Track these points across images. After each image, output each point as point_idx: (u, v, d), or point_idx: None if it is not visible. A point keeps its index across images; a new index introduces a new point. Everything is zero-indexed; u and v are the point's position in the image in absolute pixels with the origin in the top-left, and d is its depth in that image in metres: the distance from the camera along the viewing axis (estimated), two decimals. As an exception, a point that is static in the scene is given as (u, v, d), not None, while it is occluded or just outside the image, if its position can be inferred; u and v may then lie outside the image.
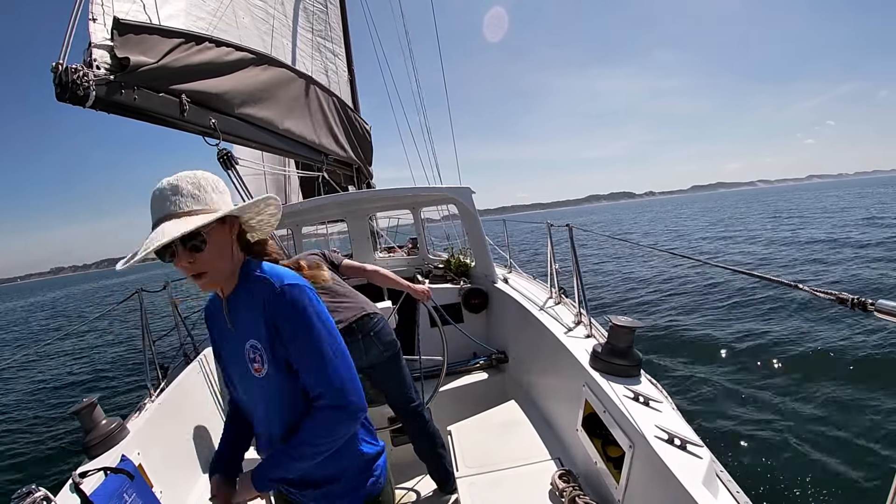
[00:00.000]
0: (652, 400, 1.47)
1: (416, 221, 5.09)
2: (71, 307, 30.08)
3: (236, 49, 1.98)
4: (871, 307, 0.76)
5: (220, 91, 1.87)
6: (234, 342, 0.98)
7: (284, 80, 2.33)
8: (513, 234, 4.12)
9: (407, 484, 2.45)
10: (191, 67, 1.72)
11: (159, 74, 1.60)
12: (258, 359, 0.93)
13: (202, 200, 0.84)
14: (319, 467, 0.96)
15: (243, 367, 0.96)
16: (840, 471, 3.05)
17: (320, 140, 2.63)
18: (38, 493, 1.17)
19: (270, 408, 0.97)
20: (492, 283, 3.28)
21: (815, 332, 5.58)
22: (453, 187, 3.33)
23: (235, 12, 2.27)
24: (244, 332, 0.95)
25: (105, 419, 1.71)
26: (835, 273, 9.06)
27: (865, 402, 3.85)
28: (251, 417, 1.07)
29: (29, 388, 8.30)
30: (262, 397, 0.98)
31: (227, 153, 1.89)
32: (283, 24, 2.74)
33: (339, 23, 3.47)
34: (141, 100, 1.55)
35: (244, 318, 0.95)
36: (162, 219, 0.81)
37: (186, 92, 1.70)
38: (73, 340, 12.65)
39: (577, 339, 2.06)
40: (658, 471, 1.20)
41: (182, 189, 0.83)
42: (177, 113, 1.67)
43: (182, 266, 0.84)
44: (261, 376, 0.94)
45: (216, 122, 1.83)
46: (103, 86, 1.41)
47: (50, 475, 4.59)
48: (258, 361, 0.93)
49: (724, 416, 3.93)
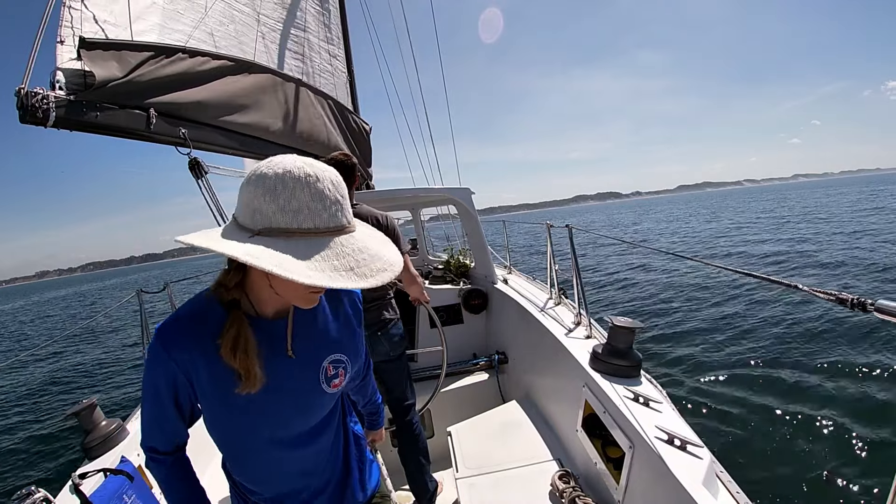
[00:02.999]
0: (652, 400, 1.47)
1: (416, 222, 5.09)
2: (71, 307, 30.08)
3: (213, 58, 1.99)
4: (871, 307, 0.76)
5: (192, 101, 1.88)
6: (296, 366, 0.82)
7: (270, 84, 2.33)
8: (508, 235, 4.12)
9: (406, 486, 2.45)
10: (160, 80, 1.74)
11: (126, 89, 1.63)
12: (341, 372, 0.87)
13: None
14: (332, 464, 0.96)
15: (304, 394, 0.84)
16: (840, 471, 3.05)
17: (312, 143, 2.63)
18: (38, 495, 1.17)
19: (330, 418, 0.92)
20: (491, 283, 3.28)
21: (815, 332, 5.58)
22: (453, 188, 3.34)
23: (218, 20, 2.27)
24: (319, 351, 0.85)
25: (105, 420, 1.71)
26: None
27: (866, 402, 3.85)
28: (273, 468, 0.87)
29: (29, 388, 8.28)
30: (319, 414, 0.89)
31: (196, 161, 1.90)
32: (273, 29, 2.73)
33: (339, 24, 3.47)
34: (104, 117, 1.58)
35: (317, 334, 0.85)
36: (339, 230, 0.65)
37: (155, 105, 1.73)
38: (73, 341, 12.64)
39: (577, 340, 2.06)
40: (658, 471, 1.20)
41: (346, 191, 0.69)
42: (143, 126, 1.70)
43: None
44: (337, 391, 0.88)
45: (186, 132, 1.85)
46: (63, 106, 1.46)
47: (50, 476, 4.58)
48: (340, 376, 0.87)
49: (724, 416, 3.93)
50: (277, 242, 0.62)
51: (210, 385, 0.76)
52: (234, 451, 0.87)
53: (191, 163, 1.90)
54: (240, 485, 0.91)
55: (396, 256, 0.70)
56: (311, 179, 0.63)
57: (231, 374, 0.74)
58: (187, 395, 0.79)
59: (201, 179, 1.92)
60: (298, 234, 0.63)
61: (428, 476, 2.15)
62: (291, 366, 0.81)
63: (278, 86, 2.41)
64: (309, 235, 0.63)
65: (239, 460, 0.88)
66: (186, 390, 0.78)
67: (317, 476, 0.92)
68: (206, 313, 0.75)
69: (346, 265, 0.62)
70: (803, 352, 5.09)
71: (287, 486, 0.89)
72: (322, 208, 0.63)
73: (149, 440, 0.83)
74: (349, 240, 0.66)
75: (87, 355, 10.66)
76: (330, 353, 0.86)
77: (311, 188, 0.62)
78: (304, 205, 0.62)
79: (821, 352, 5.02)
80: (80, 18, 1.59)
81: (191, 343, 0.74)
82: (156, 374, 0.76)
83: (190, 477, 0.88)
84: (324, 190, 0.63)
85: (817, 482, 2.99)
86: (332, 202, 0.64)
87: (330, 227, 0.64)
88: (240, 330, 0.72)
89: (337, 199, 0.65)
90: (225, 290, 0.74)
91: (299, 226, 0.62)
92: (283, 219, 0.62)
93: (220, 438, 0.84)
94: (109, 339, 12.48)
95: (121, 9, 1.76)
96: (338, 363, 0.87)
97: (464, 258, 3.91)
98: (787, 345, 5.34)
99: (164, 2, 1.98)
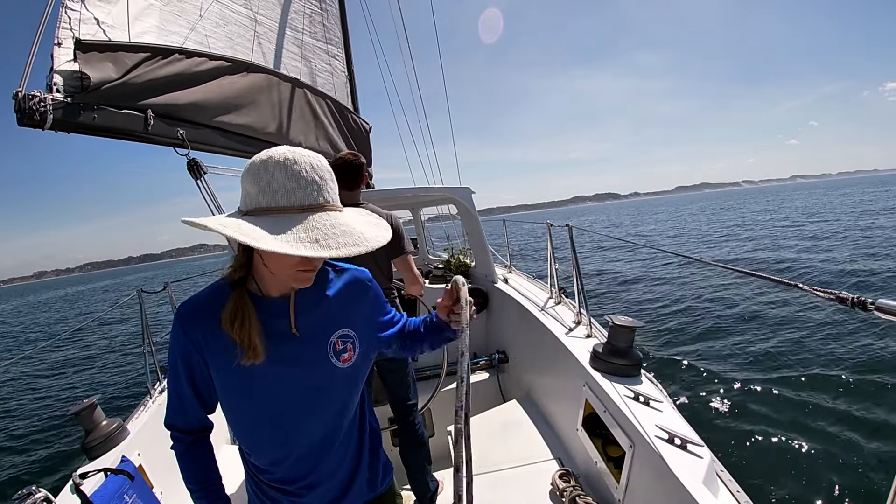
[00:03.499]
0: (652, 399, 1.47)
1: (416, 221, 5.09)
2: (68, 307, 30.11)
3: (210, 59, 1.99)
4: (871, 306, 0.77)
5: (189, 102, 1.88)
6: (302, 342, 0.86)
7: (267, 84, 2.33)
8: (507, 235, 4.12)
9: (407, 486, 2.45)
10: (157, 81, 1.74)
11: (122, 91, 1.63)
12: (349, 347, 0.90)
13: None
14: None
15: (313, 368, 0.87)
16: (840, 470, 3.05)
17: (309, 143, 2.63)
18: (39, 495, 1.18)
19: (349, 396, 0.94)
20: (492, 283, 3.28)
21: (815, 332, 5.58)
22: (453, 187, 3.34)
23: (215, 22, 2.27)
24: (327, 326, 0.89)
25: (105, 420, 1.72)
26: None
27: (866, 402, 3.85)
28: (279, 439, 0.89)
29: (29, 388, 8.29)
30: (334, 391, 0.91)
31: (194, 161, 1.90)
32: (270, 29, 2.73)
33: (338, 24, 3.47)
34: (101, 119, 1.58)
35: (325, 310, 0.89)
36: (315, 207, 0.70)
37: (152, 106, 1.72)
38: (73, 341, 12.66)
39: (578, 339, 2.06)
40: (658, 470, 1.20)
41: (331, 175, 0.74)
42: (140, 127, 1.70)
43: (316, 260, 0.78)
44: (348, 365, 0.91)
45: (184, 133, 1.85)
46: (60, 108, 1.46)
47: (50, 476, 4.59)
48: (349, 350, 0.90)
49: (724, 415, 3.94)
50: (258, 219, 0.69)
51: (220, 358, 0.81)
52: (245, 428, 0.89)
53: (189, 163, 1.90)
54: (252, 465, 0.94)
55: (378, 236, 0.75)
56: (288, 163, 0.69)
57: (236, 347, 0.79)
58: (203, 376, 0.84)
59: (200, 180, 1.92)
60: (276, 211, 0.69)
61: (429, 476, 2.15)
62: (297, 342, 0.85)
63: (276, 85, 2.41)
64: (286, 212, 0.69)
65: (250, 437, 0.90)
66: (202, 370, 0.83)
67: (326, 462, 0.93)
68: (217, 294, 0.82)
69: (311, 237, 0.67)
70: (804, 351, 5.09)
71: (295, 468, 0.91)
72: (297, 187, 0.69)
73: (170, 417, 0.89)
74: (324, 217, 0.70)
75: (86, 355, 10.67)
76: (337, 328, 0.90)
77: (287, 170, 0.69)
78: (280, 185, 0.69)
79: (821, 351, 5.02)
80: (78, 20, 1.59)
81: (202, 320, 0.80)
82: (175, 352, 0.83)
83: (206, 458, 0.92)
84: (300, 171, 0.69)
85: (817, 481, 2.99)
86: (307, 182, 0.69)
87: (304, 205, 0.70)
88: (238, 303, 0.78)
89: (314, 179, 0.70)
90: (233, 271, 0.81)
91: (277, 204, 0.69)
92: (265, 199, 0.70)
93: (233, 417, 0.88)
94: (110, 339, 12.49)
95: (119, 10, 1.76)
96: (346, 338, 0.90)
97: (464, 257, 3.92)
98: (788, 344, 5.34)
99: (161, 3, 1.98)
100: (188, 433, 0.90)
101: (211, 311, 0.80)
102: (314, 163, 0.71)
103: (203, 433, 0.93)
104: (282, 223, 0.67)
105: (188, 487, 0.91)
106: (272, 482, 0.93)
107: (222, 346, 0.79)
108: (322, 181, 0.71)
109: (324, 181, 0.71)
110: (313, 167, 0.70)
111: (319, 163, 0.72)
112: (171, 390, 0.87)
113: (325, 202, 0.71)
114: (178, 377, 0.84)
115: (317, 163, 0.72)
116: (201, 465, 0.92)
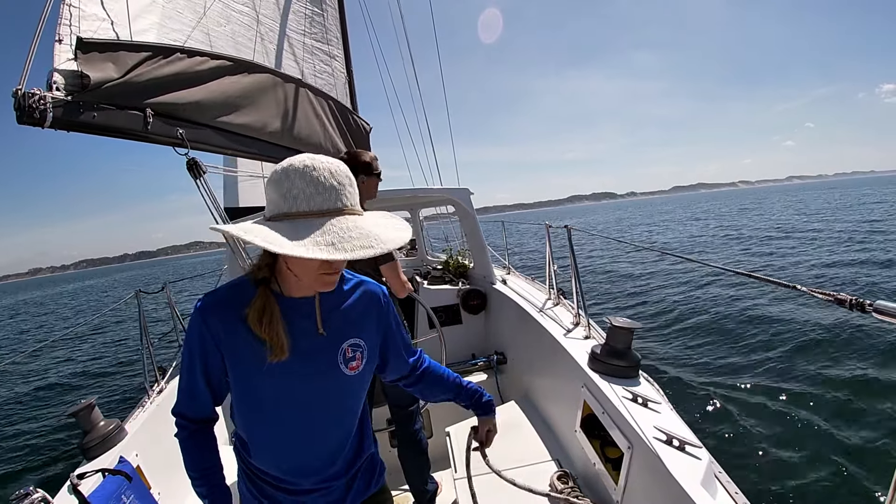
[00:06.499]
0: (650, 401, 1.48)
1: (415, 222, 5.08)
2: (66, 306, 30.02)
3: (211, 58, 1.97)
4: (870, 308, 0.77)
5: (190, 101, 1.87)
6: (318, 345, 0.88)
7: (268, 84, 2.32)
8: (503, 235, 4.12)
9: (405, 486, 2.45)
10: (157, 80, 1.73)
11: (123, 90, 1.62)
12: (358, 356, 0.93)
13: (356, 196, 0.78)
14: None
15: (323, 372, 0.89)
16: (839, 470, 3.05)
17: (310, 143, 2.63)
18: (36, 495, 1.17)
19: (350, 405, 0.97)
20: (490, 284, 3.28)
21: (814, 332, 5.58)
22: (452, 188, 3.34)
23: (217, 21, 2.26)
24: (340, 333, 0.91)
25: (103, 420, 1.72)
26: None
27: (865, 402, 3.85)
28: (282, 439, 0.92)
29: (27, 388, 8.26)
30: (339, 397, 0.94)
31: (194, 161, 1.90)
32: (271, 29, 2.73)
33: (338, 25, 3.47)
34: (101, 117, 1.57)
35: (339, 317, 0.91)
36: (333, 211, 0.73)
37: (152, 105, 1.71)
38: (72, 341, 12.61)
39: (576, 341, 2.06)
40: (657, 472, 1.20)
41: (350, 181, 0.76)
42: (140, 126, 1.69)
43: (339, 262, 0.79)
44: (355, 373, 0.93)
45: (184, 132, 1.84)
46: (60, 107, 1.45)
47: (48, 477, 4.57)
48: (357, 359, 0.93)
49: (722, 416, 3.94)
50: (279, 224, 0.72)
51: (237, 352, 0.84)
52: (250, 424, 0.91)
53: (189, 163, 1.90)
54: (249, 464, 0.95)
55: (397, 237, 0.76)
56: (307, 169, 0.72)
57: (257, 343, 0.82)
58: (216, 366, 0.86)
59: (199, 179, 1.91)
60: (296, 216, 0.72)
61: (428, 478, 2.15)
62: (316, 344, 0.88)
63: (278, 85, 2.40)
64: (305, 217, 0.72)
65: (253, 434, 0.92)
66: (217, 360, 0.85)
67: (327, 462, 0.95)
68: (241, 291, 0.84)
69: (328, 241, 0.69)
70: (802, 352, 5.10)
71: (296, 468, 0.93)
72: (316, 193, 0.72)
73: (179, 406, 0.91)
74: (342, 220, 0.72)
75: (85, 355, 10.64)
76: (350, 336, 0.92)
77: (307, 177, 0.72)
78: (300, 191, 0.72)
79: (820, 352, 5.02)
80: (79, 16, 1.58)
81: (224, 313, 0.83)
82: (192, 340, 0.85)
83: (208, 447, 0.94)
84: (318, 177, 0.72)
85: (816, 482, 2.99)
86: (326, 188, 0.72)
87: (323, 210, 0.72)
88: (265, 302, 0.81)
89: (332, 185, 0.73)
90: (258, 270, 0.84)
91: (297, 209, 0.72)
92: (286, 205, 0.73)
93: (240, 411, 0.91)
94: (109, 339, 12.46)
95: (120, 7, 1.76)
96: (356, 346, 0.92)
97: (462, 258, 3.91)
98: (787, 345, 5.35)
99: (163, 0, 1.98)
100: (194, 422, 0.92)
101: (232, 307, 0.82)
102: (333, 169, 0.73)
103: (208, 423, 0.95)
104: (301, 228, 0.70)
105: (189, 475, 0.93)
106: (272, 481, 0.94)
107: (240, 341, 0.83)
108: (341, 186, 0.74)
109: (342, 186, 0.74)
110: (332, 173, 0.73)
111: (338, 169, 0.75)
112: (183, 379, 0.89)
113: (344, 206, 0.74)
114: (194, 367, 0.86)
115: (335, 169, 0.74)
116: (203, 453, 0.93)
